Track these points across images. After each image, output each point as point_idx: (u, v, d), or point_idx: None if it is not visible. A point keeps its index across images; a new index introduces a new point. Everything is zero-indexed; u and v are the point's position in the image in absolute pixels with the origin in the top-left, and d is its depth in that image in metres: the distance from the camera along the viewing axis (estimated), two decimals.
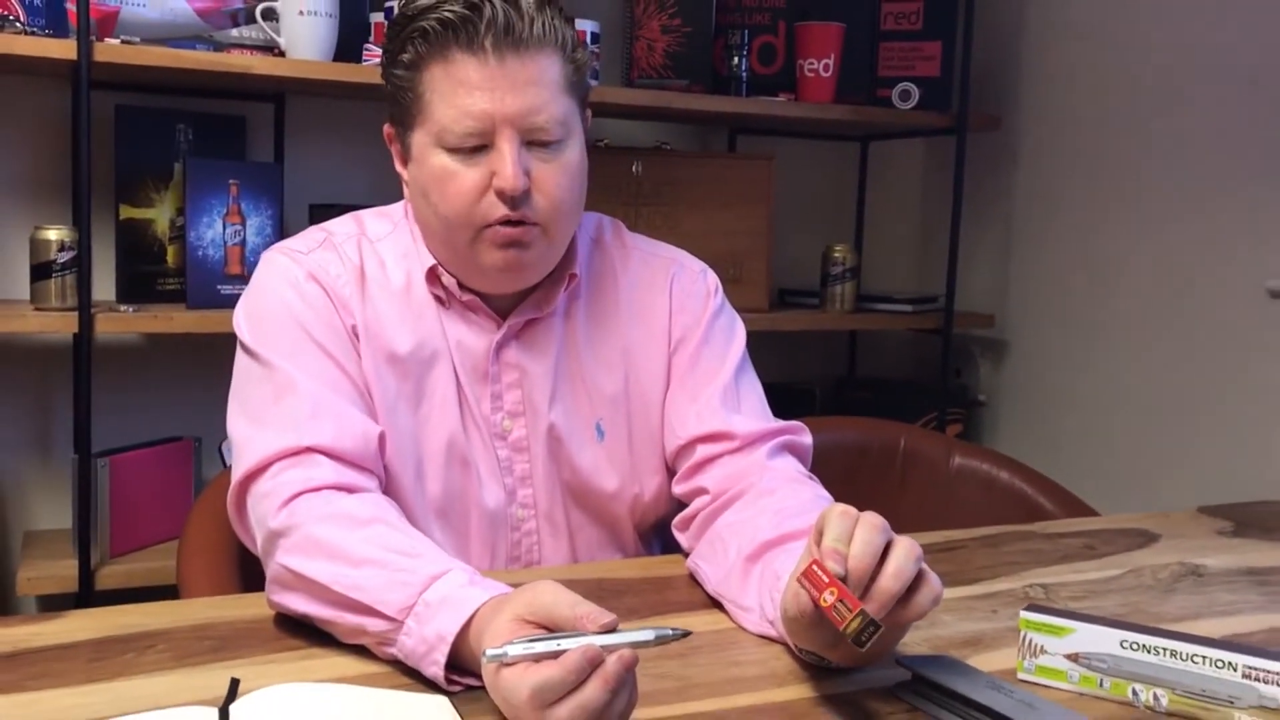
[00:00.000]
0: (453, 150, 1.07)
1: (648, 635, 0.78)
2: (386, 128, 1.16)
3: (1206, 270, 2.17)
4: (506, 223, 1.08)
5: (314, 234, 1.18)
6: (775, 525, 1.05)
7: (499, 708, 0.80)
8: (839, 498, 1.17)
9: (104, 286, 1.99)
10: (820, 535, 0.86)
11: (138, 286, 2.04)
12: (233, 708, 0.81)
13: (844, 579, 0.82)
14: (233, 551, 1.29)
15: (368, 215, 1.21)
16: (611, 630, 0.77)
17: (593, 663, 0.74)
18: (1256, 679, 0.86)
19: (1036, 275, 2.56)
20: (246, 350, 1.12)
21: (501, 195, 1.06)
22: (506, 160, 1.06)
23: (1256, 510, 1.58)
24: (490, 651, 0.77)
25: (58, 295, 1.83)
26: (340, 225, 1.19)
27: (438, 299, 1.16)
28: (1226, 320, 2.14)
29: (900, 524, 1.38)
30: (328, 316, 1.11)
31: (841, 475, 1.79)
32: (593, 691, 0.74)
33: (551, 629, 0.80)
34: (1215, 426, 2.16)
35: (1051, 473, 1.72)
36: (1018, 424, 2.61)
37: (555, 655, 0.76)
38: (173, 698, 0.83)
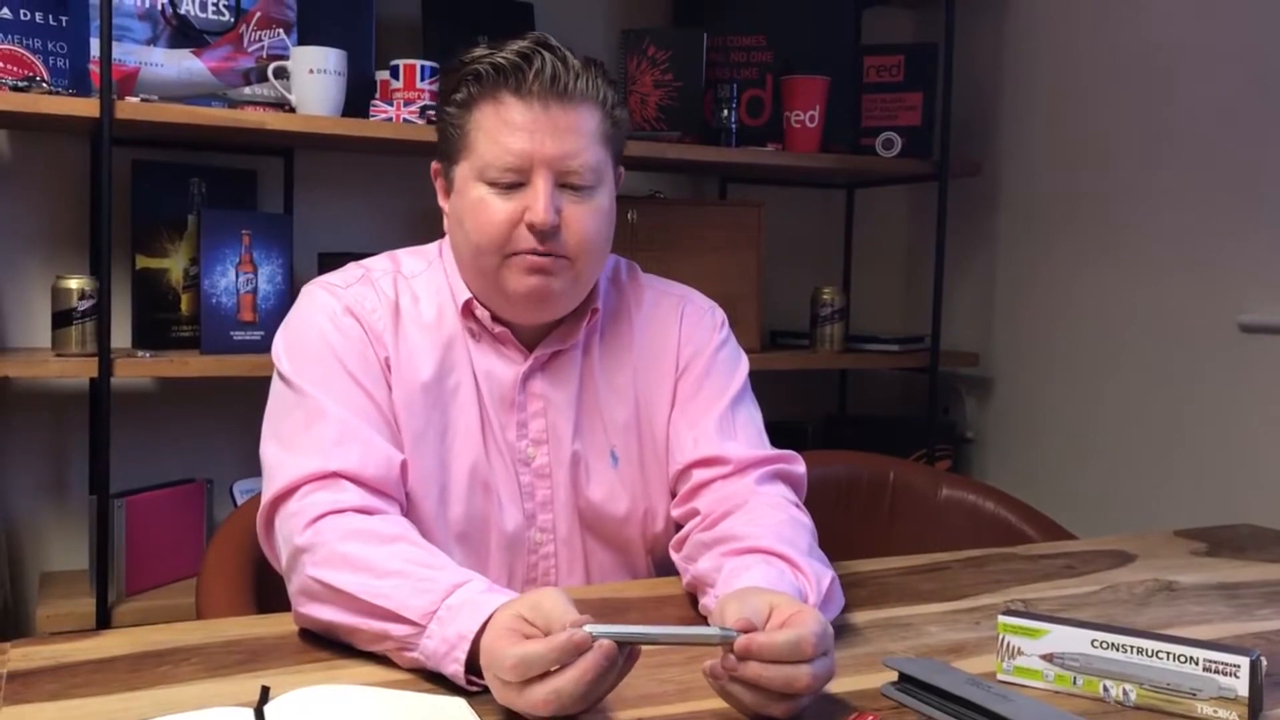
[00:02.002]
0: (492, 184, 1.16)
1: (713, 632, 0.87)
2: (434, 164, 1.25)
3: (1181, 307, 2.25)
4: (534, 253, 1.16)
5: (352, 270, 1.25)
6: (745, 537, 1.12)
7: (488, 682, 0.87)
8: (832, 527, 1.24)
9: (120, 334, 2.06)
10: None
11: (152, 333, 2.11)
12: (266, 708, 0.87)
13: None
14: (250, 582, 1.34)
15: (403, 254, 1.28)
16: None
17: (579, 648, 0.81)
18: (1216, 671, 0.92)
19: (1019, 314, 2.63)
20: (282, 378, 1.18)
21: (532, 228, 1.14)
22: (540, 196, 1.14)
23: (1230, 533, 1.64)
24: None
25: (78, 342, 1.90)
26: (377, 262, 1.26)
27: (470, 331, 1.23)
28: (1200, 354, 2.21)
29: (890, 552, 1.46)
30: (361, 349, 1.18)
31: (834, 507, 1.85)
32: (566, 680, 0.82)
33: (546, 632, 0.86)
34: (1192, 456, 2.22)
35: (1037, 504, 1.77)
36: (1004, 458, 2.67)
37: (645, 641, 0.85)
38: (209, 702, 0.89)
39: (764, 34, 2.53)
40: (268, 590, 1.30)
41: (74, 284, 1.90)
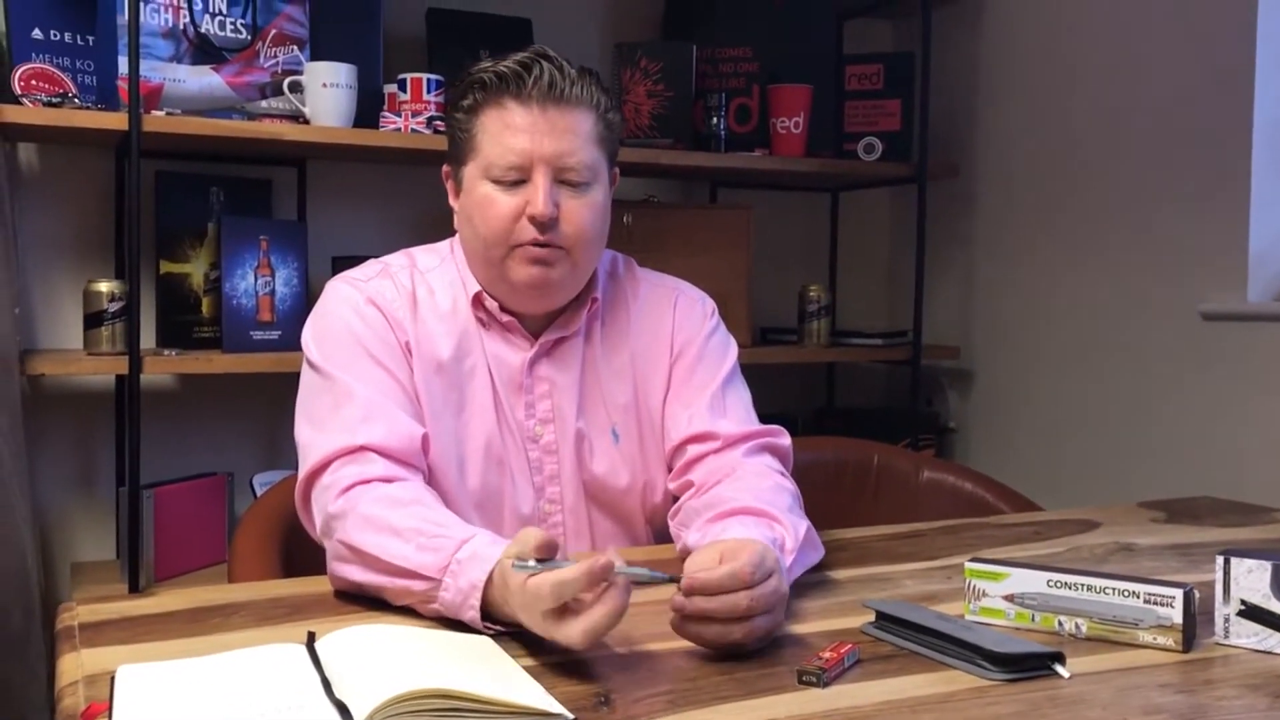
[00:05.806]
0: (496, 181, 1.27)
1: (645, 573, 0.98)
2: (444, 167, 1.36)
3: (1146, 299, 2.36)
4: (536, 244, 1.27)
5: (372, 265, 1.37)
6: (728, 500, 1.23)
7: (525, 620, 0.97)
8: (820, 509, 1.34)
9: (145, 335, 2.15)
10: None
11: (175, 335, 2.22)
12: (316, 644, 0.98)
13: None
14: (277, 563, 1.44)
15: (418, 251, 1.40)
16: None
17: (604, 570, 0.92)
18: (1154, 603, 1.04)
19: (996, 308, 2.74)
20: (312, 365, 1.29)
21: (533, 220, 1.26)
22: (539, 191, 1.26)
23: (1189, 504, 1.75)
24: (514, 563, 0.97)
25: (109, 341, 2.01)
26: (395, 259, 1.38)
27: (480, 321, 1.35)
28: (1165, 343, 2.32)
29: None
30: (384, 334, 1.29)
31: (821, 489, 1.96)
32: (599, 616, 0.92)
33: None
34: (1159, 439, 2.33)
35: (1015, 488, 1.87)
36: (984, 446, 2.78)
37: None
38: (261, 644, 1.00)
39: (750, 45, 2.64)
40: (293, 570, 1.40)
41: (104, 287, 2.01)
